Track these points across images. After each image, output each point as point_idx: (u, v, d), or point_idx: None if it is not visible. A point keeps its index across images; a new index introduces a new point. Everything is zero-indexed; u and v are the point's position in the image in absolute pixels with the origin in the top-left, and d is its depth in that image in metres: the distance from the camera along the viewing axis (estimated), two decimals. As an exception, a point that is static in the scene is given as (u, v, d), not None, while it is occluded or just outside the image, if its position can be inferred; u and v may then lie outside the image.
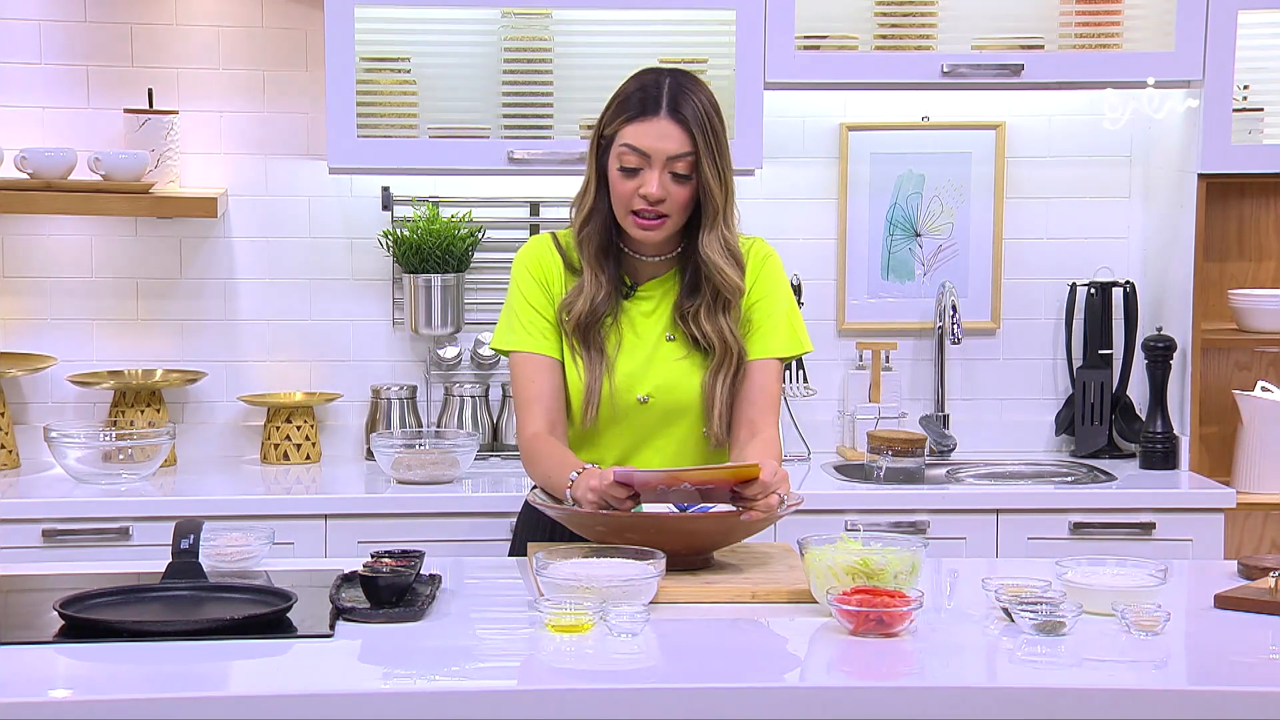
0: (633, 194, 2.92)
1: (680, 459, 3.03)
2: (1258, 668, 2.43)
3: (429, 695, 2.28)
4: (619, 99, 2.97)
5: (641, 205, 2.92)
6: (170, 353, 4.26)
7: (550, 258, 3.06)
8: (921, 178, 4.39)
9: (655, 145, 2.91)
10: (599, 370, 2.98)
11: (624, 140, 2.93)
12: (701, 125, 2.91)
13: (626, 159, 2.93)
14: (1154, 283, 4.35)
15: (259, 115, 4.24)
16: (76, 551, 3.67)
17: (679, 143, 2.91)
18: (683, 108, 2.92)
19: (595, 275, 3.00)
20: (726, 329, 2.98)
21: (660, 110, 2.92)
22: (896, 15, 4.13)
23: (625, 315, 3.03)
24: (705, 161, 2.92)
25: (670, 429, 3.03)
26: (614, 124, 2.95)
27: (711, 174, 2.92)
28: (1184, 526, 3.92)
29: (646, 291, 3.05)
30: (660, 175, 2.91)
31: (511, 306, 3.06)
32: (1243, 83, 4.14)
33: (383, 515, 3.79)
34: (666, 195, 2.92)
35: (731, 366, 2.99)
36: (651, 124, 2.91)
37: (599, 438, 3.04)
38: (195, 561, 2.68)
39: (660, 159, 2.91)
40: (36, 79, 4.16)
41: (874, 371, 4.36)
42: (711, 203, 2.94)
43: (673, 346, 3.03)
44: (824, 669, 2.45)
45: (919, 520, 3.88)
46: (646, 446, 3.03)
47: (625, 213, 2.95)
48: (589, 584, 2.53)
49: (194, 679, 2.30)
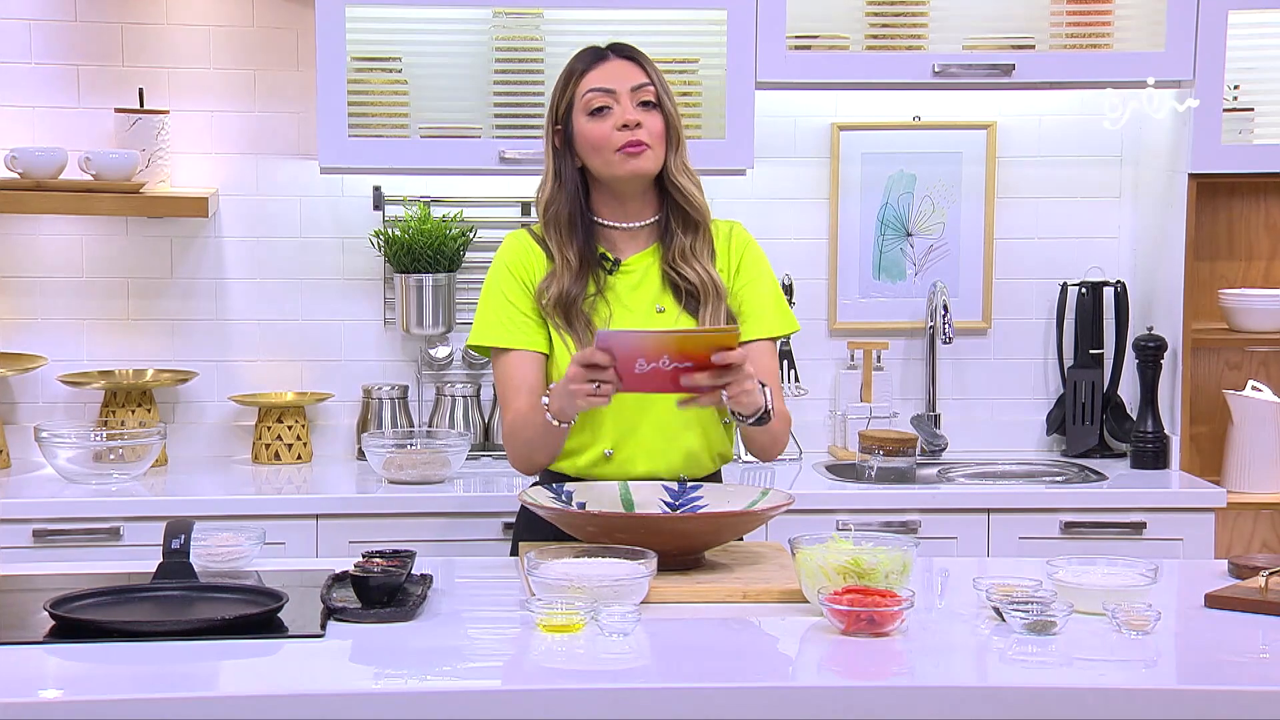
0: (609, 131, 3.01)
1: (676, 432, 3.03)
2: (1248, 667, 2.43)
3: (420, 695, 2.28)
4: (565, 72, 3.10)
5: (622, 138, 3.00)
6: (161, 352, 4.25)
7: (529, 250, 3.10)
8: (913, 178, 4.39)
9: (616, 79, 3.04)
10: (589, 341, 2.98)
11: (586, 89, 3.04)
12: (651, 65, 3.08)
13: (593, 101, 3.03)
14: (1144, 282, 4.35)
15: (250, 115, 4.24)
16: (67, 551, 3.66)
17: (638, 74, 3.06)
18: (628, 52, 3.09)
19: (564, 254, 3.05)
20: (706, 269, 3.06)
21: (608, 55, 3.08)
22: (887, 15, 4.13)
23: (611, 291, 3.06)
24: (664, 95, 3.06)
25: (667, 399, 3.01)
26: (569, 89, 3.07)
27: (671, 108, 3.06)
28: (1174, 526, 3.92)
29: (630, 265, 3.08)
30: (630, 104, 3.02)
31: (489, 303, 3.08)
32: (1233, 83, 4.14)
33: (374, 515, 3.79)
34: (642, 122, 3.01)
35: (720, 306, 3.05)
36: (606, 65, 3.07)
37: (596, 416, 3.02)
38: (186, 561, 2.68)
39: (625, 89, 3.03)
40: (27, 78, 4.15)
41: (865, 371, 4.36)
42: (674, 133, 3.05)
43: (663, 318, 3.05)
44: (815, 669, 2.45)
45: (910, 520, 3.88)
46: (644, 421, 3.03)
47: (610, 154, 3.01)
48: (580, 584, 2.53)
49: (185, 679, 2.30)
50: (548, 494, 2.93)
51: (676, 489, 2.99)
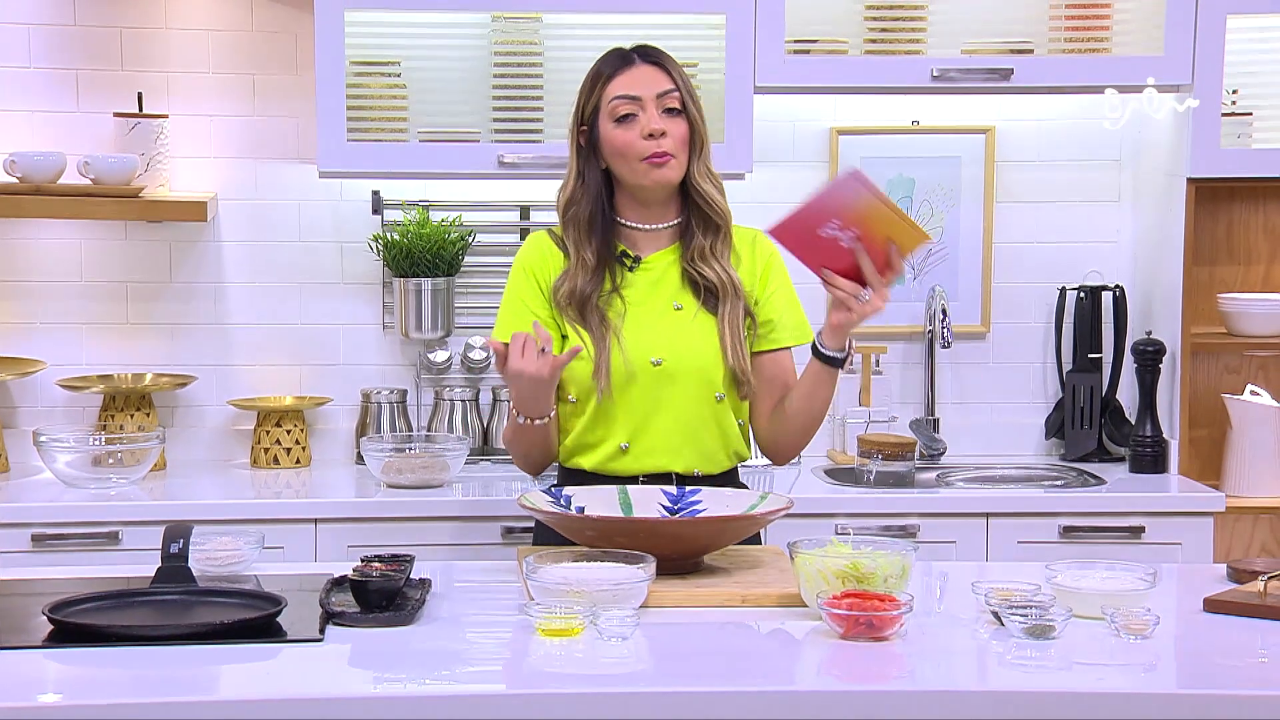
0: (636, 140, 3.02)
1: (693, 428, 3.05)
2: (1247, 671, 2.43)
3: (419, 699, 2.28)
4: (591, 74, 3.11)
5: (648, 147, 3.01)
6: (160, 356, 4.25)
7: (548, 252, 3.12)
8: (911, 181, 4.39)
9: (642, 86, 3.04)
10: (605, 336, 3.03)
11: (612, 96, 3.05)
12: (677, 69, 3.08)
13: (619, 109, 3.04)
14: (1143, 286, 4.35)
15: (249, 119, 4.24)
16: (66, 556, 3.66)
17: (663, 80, 3.06)
18: (654, 57, 3.09)
19: (581, 252, 3.07)
20: (725, 269, 3.09)
21: (635, 60, 3.08)
22: (886, 20, 4.14)
23: (630, 288, 3.08)
24: (688, 99, 3.06)
25: (685, 394, 3.04)
26: (595, 92, 3.07)
27: (695, 110, 3.07)
28: (1173, 530, 3.92)
29: (650, 263, 3.10)
30: (656, 112, 3.03)
31: (506, 305, 3.12)
32: (1231, 86, 4.15)
33: (373, 519, 3.79)
34: (666, 131, 3.02)
35: (739, 305, 3.08)
36: (632, 71, 3.07)
37: (613, 410, 3.04)
38: (185, 566, 2.68)
39: (651, 96, 3.03)
40: (26, 82, 4.15)
41: (864, 375, 4.36)
42: (698, 138, 3.06)
43: (680, 315, 3.07)
44: (814, 673, 2.45)
45: (909, 524, 3.88)
46: (660, 414, 3.04)
47: (636, 163, 3.03)
48: (579, 588, 2.53)
49: (183, 683, 2.30)
50: (546, 499, 2.93)
51: (675, 493, 2.99)
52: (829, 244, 2.85)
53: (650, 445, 3.05)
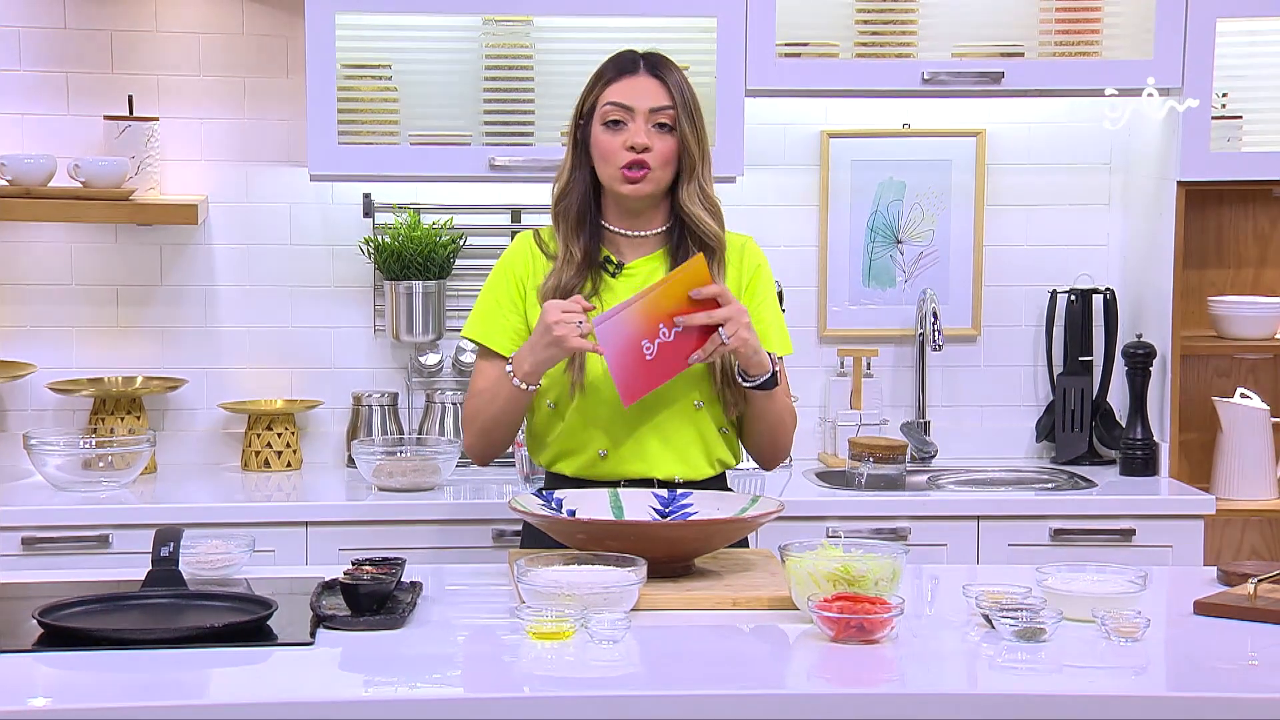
0: (619, 148, 3.01)
1: (672, 436, 3.03)
2: (1236, 674, 2.44)
3: (410, 702, 2.28)
4: (597, 73, 3.10)
5: (628, 157, 3.00)
6: (150, 360, 4.25)
7: (531, 254, 3.11)
8: (902, 185, 4.40)
9: (637, 97, 3.02)
10: None
11: (607, 100, 3.04)
12: (679, 87, 3.05)
13: (610, 114, 3.03)
14: (1134, 290, 4.36)
15: (239, 122, 4.24)
16: (56, 559, 3.65)
17: (659, 95, 3.03)
18: (660, 69, 3.06)
19: (569, 247, 3.06)
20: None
21: (639, 69, 3.06)
22: (877, 23, 4.14)
23: (611, 292, 3.05)
24: (683, 119, 3.03)
25: (662, 402, 3.01)
26: (595, 91, 3.06)
27: (690, 132, 3.03)
28: (1164, 533, 3.93)
29: (633, 269, 3.08)
30: (644, 125, 3.01)
31: (483, 300, 3.11)
32: (1221, 90, 4.15)
33: (364, 522, 3.78)
34: (651, 146, 3.00)
35: None
36: (632, 80, 3.05)
37: (591, 416, 3.02)
38: (175, 569, 2.68)
39: (643, 110, 3.01)
40: (16, 85, 4.15)
41: (855, 378, 4.36)
42: (689, 158, 3.04)
43: None
44: (805, 675, 2.45)
45: (900, 527, 3.88)
46: (638, 422, 3.01)
47: (614, 170, 3.02)
48: (570, 591, 2.53)
49: (174, 687, 2.30)
50: (538, 502, 2.93)
51: (666, 496, 2.98)
52: (667, 349, 2.87)
53: (629, 452, 3.03)
